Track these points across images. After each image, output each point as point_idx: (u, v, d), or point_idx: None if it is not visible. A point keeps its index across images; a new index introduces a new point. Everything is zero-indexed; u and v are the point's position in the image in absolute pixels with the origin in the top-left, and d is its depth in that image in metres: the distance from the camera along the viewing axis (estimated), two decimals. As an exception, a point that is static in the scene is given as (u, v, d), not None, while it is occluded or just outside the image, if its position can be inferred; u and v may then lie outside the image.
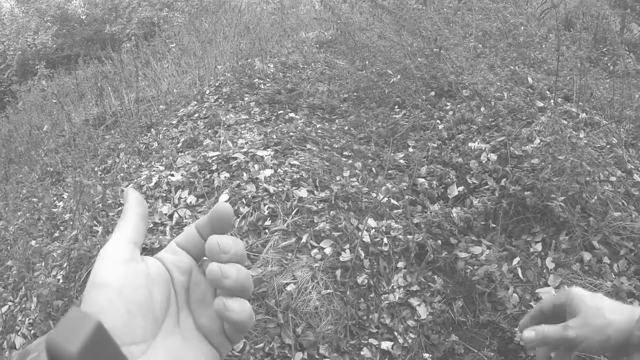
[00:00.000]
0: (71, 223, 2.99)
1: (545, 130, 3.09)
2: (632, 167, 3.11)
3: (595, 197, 2.73)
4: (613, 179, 2.92)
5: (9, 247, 3.19)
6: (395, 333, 2.31)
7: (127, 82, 6.07)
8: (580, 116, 3.39)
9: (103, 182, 3.20)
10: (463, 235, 2.76)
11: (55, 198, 3.73)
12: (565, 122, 3.21)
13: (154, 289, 0.37)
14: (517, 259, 2.59)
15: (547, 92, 3.72)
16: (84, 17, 14.65)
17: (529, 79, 3.85)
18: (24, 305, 2.71)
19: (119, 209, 3.00)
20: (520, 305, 2.39)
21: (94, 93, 5.98)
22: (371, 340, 2.28)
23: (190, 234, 0.41)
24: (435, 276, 2.55)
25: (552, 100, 3.55)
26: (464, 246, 2.67)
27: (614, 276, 2.47)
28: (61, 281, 2.57)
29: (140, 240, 0.39)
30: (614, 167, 3.01)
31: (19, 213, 3.49)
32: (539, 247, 2.66)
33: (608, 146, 3.20)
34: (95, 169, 3.89)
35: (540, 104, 3.53)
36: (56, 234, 3.14)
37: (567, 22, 6.16)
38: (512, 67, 3.96)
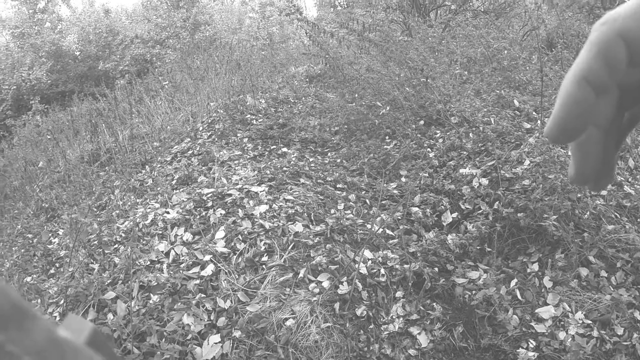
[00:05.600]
0: (67, 260, 2.98)
1: (534, 151, 3.13)
2: (622, 179, 3.15)
3: (588, 213, 2.76)
4: (604, 192, 2.95)
5: (4, 283, 3.14)
6: (397, 363, 2.30)
7: (121, 119, 6.14)
8: (567, 134, 3.44)
9: (98, 219, 3.20)
10: (459, 261, 2.77)
11: (50, 234, 3.72)
12: (553, 142, 3.26)
13: None
14: (515, 280, 2.60)
15: (534, 113, 3.78)
16: (77, 53, 14.82)
17: (515, 102, 3.92)
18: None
19: (115, 246, 3.00)
20: (521, 326, 2.38)
21: (89, 130, 6.04)
22: (373, 372, 2.27)
23: None
24: (434, 304, 2.54)
25: (539, 121, 3.61)
26: (461, 272, 2.68)
27: (612, 289, 2.47)
28: (58, 319, 2.55)
29: None
30: (605, 181, 3.05)
31: (14, 249, 3.47)
32: (535, 267, 2.66)
33: (597, 161, 3.24)
34: (91, 205, 3.89)
35: (528, 126, 3.59)
36: (52, 271, 3.12)
37: (549, 43, 6.32)
38: (497, 92, 4.04)
